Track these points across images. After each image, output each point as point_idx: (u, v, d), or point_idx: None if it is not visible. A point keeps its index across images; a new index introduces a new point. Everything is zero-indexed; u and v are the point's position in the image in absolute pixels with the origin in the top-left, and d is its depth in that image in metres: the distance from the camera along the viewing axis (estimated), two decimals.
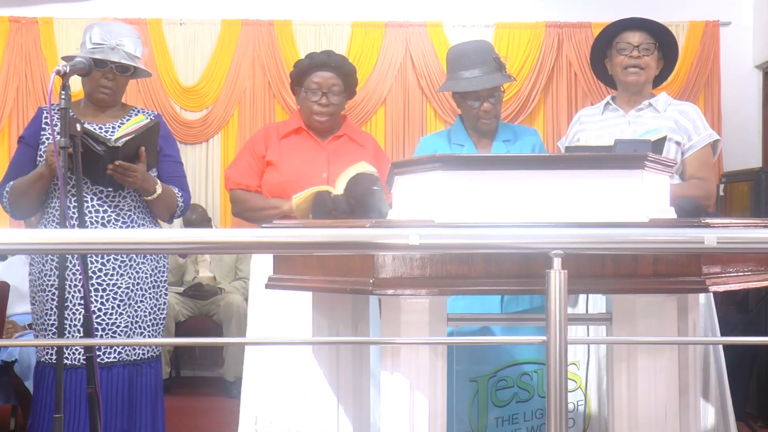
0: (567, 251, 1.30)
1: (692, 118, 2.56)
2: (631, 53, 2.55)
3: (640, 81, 2.57)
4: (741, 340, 2.43)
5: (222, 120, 5.05)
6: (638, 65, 2.55)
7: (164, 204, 2.54)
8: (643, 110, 2.59)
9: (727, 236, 1.34)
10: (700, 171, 2.53)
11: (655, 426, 1.59)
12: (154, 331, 2.53)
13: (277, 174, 2.65)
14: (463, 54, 2.56)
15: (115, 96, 2.53)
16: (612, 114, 2.65)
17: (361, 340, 1.86)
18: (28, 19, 4.97)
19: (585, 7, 5.09)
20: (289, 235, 1.36)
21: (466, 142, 2.61)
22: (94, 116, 2.53)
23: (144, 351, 2.51)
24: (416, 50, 5.03)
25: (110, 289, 2.44)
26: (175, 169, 2.62)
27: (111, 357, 2.44)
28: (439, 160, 1.57)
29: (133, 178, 2.39)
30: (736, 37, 5.01)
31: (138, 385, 2.49)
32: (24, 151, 2.50)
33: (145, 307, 2.51)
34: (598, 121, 2.66)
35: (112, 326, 2.44)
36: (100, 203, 2.45)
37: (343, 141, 2.74)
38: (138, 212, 2.51)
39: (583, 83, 5.08)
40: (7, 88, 4.95)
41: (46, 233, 1.38)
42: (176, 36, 5.02)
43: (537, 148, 2.68)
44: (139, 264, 2.50)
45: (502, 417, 2.20)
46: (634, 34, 2.57)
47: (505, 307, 2.41)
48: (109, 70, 2.46)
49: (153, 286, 2.55)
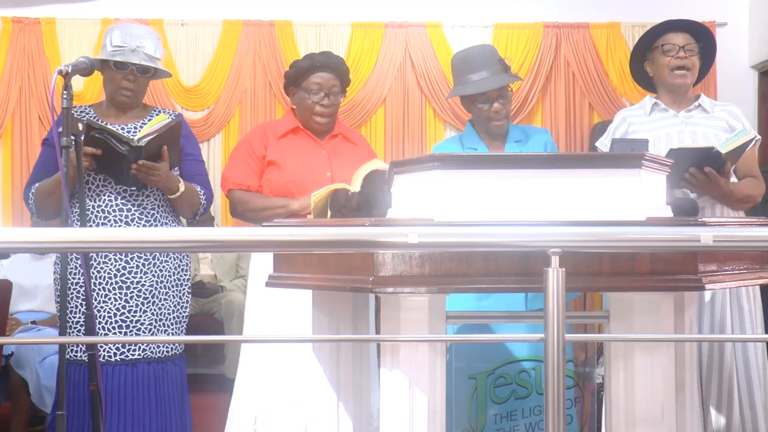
0: (565, 249, 1.31)
1: (740, 119, 2.59)
2: (677, 54, 2.54)
3: (687, 82, 2.57)
4: (738, 338, 2.44)
5: (223, 119, 5.06)
6: (685, 66, 2.55)
7: (187, 202, 2.55)
8: (692, 111, 2.60)
9: (723, 235, 1.35)
10: (753, 169, 2.58)
11: (651, 423, 1.60)
12: (177, 328, 2.55)
13: (280, 174, 2.66)
14: (468, 58, 2.57)
15: (136, 97, 2.55)
16: (661, 114, 2.63)
17: (361, 337, 1.88)
18: (30, 20, 4.99)
19: (583, 7, 5.11)
20: (290, 233, 1.37)
21: (478, 146, 2.61)
22: (116, 117, 2.55)
23: (168, 348, 2.53)
24: (416, 50, 5.05)
25: (134, 287, 2.46)
26: (197, 167, 2.63)
27: (135, 354, 2.46)
28: (438, 160, 1.59)
29: (156, 177, 2.40)
30: (732, 38, 5.04)
31: (164, 383, 2.50)
32: (48, 152, 2.52)
33: (168, 305, 2.53)
34: (648, 122, 2.64)
35: (137, 323, 2.45)
36: (124, 202, 2.47)
37: (339, 140, 2.76)
38: (161, 211, 2.53)
39: (581, 83, 5.10)
40: (10, 88, 4.96)
41: (49, 232, 1.39)
42: (178, 36, 5.04)
43: (549, 146, 2.69)
44: (163, 262, 2.52)
45: (500, 413, 2.22)
46: (678, 35, 2.56)
47: (529, 304, 2.42)
48: (130, 72, 2.48)
49: (176, 285, 2.56)
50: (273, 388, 2.55)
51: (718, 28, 4.98)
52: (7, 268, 3.97)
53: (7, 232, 1.41)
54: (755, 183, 2.57)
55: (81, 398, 2.40)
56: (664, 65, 2.57)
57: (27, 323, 3.72)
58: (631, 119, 2.70)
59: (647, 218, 1.56)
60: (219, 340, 3.98)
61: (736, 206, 2.54)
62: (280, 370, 2.55)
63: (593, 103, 5.06)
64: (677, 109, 2.61)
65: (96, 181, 2.45)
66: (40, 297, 3.85)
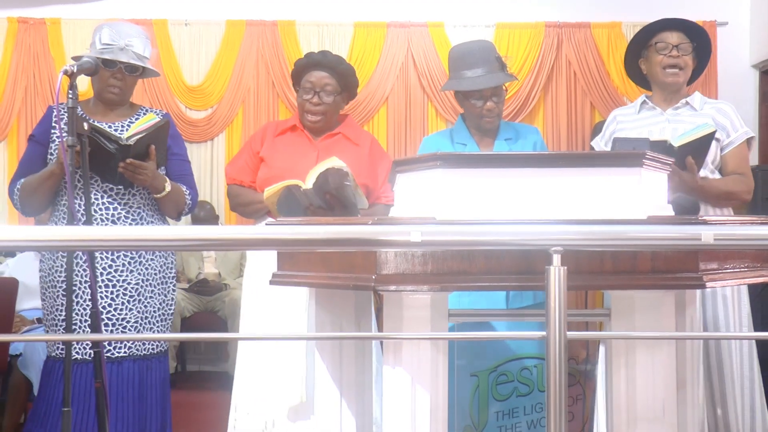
0: (566, 248, 1.32)
1: (729, 116, 2.58)
2: (670, 53, 2.55)
3: (679, 81, 2.58)
4: (736, 336, 2.45)
5: (226, 119, 5.08)
6: (677, 65, 2.55)
7: (173, 202, 2.57)
8: (680, 108, 2.60)
9: (724, 233, 1.36)
10: (740, 167, 2.56)
11: (653, 420, 1.61)
12: (163, 326, 2.57)
13: (266, 169, 2.68)
14: (465, 53, 2.57)
15: (123, 95, 2.56)
16: (649, 113, 2.65)
17: (363, 335, 1.89)
18: (36, 20, 5.02)
19: (584, 7, 5.12)
20: (293, 232, 1.39)
21: (468, 141, 2.63)
22: (103, 115, 2.56)
23: (153, 346, 2.55)
24: (418, 50, 5.06)
25: (120, 285, 2.48)
26: (183, 167, 2.65)
27: (121, 352, 2.48)
28: (441, 159, 1.60)
29: (143, 176, 2.42)
30: (733, 37, 5.04)
31: (147, 380, 2.52)
32: (34, 149, 2.54)
33: (154, 302, 2.55)
34: (635, 120, 2.66)
35: (122, 321, 2.47)
36: (110, 201, 2.48)
37: (337, 139, 2.75)
38: (147, 210, 2.55)
39: (582, 82, 5.11)
40: (16, 87, 4.99)
41: (54, 230, 1.40)
42: (181, 36, 5.06)
43: (538, 146, 2.70)
44: (148, 261, 2.54)
45: (502, 411, 2.23)
46: (672, 34, 2.56)
47: (510, 303, 2.44)
48: (118, 70, 2.49)
49: (162, 282, 2.58)
50: (271, 384, 2.56)
51: (719, 27, 4.98)
52: (12, 267, 3.99)
53: (13, 230, 1.42)
54: (739, 180, 2.54)
55: (80, 396, 2.41)
56: (657, 63, 2.58)
57: (32, 321, 3.75)
58: (621, 117, 2.72)
59: (648, 217, 1.56)
60: (221, 338, 4.01)
61: (714, 203, 2.52)
62: (277, 366, 2.56)
63: (594, 102, 5.07)
64: (665, 108, 2.62)
65: (82, 179, 2.46)
66: None
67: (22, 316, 3.73)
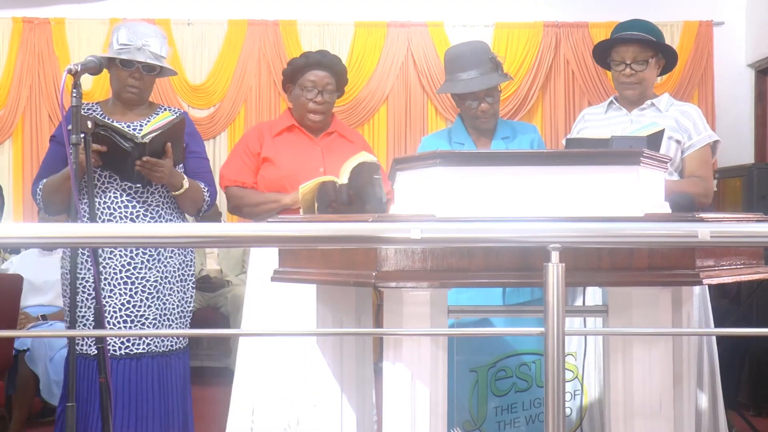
0: (564, 245, 1.33)
1: (693, 119, 2.58)
2: (623, 71, 2.57)
3: (636, 94, 2.60)
4: (733, 332, 2.47)
5: (229, 118, 5.10)
6: (631, 81, 2.57)
7: (191, 199, 2.57)
8: (645, 109, 2.62)
9: (720, 230, 1.37)
10: (699, 169, 2.55)
11: (649, 415, 1.62)
12: (182, 323, 2.57)
13: (274, 170, 2.69)
14: (459, 55, 2.59)
15: (142, 95, 2.57)
16: (615, 113, 2.68)
17: (364, 331, 1.91)
18: (40, 20, 5.04)
19: (582, 7, 5.14)
20: (294, 229, 1.40)
21: (465, 141, 2.65)
22: (122, 115, 2.57)
23: (172, 342, 2.55)
24: (418, 49, 5.08)
25: (139, 282, 2.48)
26: (201, 164, 2.65)
27: (140, 348, 2.48)
28: (440, 157, 1.61)
29: (160, 174, 2.42)
30: (729, 37, 5.06)
31: (168, 376, 2.53)
32: (56, 149, 2.54)
33: (173, 299, 2.55)
34: (602, 119, 2.69)
35: (141, 318, 2.47)
36: (129, 199, 2.49)
37: (334, 137, 2.78)
38: (165, 207, 2.55)
39: (581, 81, 5.13)
40: (20, 87, 5.01)
41: (58, 227, 1.42)
42: (184, 36, 5.08)
43: (536, 144, 2.72)
44: (167, 258, 2.54)
45: (501, 406, 2.25)
46: (627, 49, 2.56)
47: (507, 298, 2.46)
48: (136, 70, 2.50)
49: (180, 280, 2.58)
50: (270, 380, 2.58)
51: (715, 27, 5.00)
52: (16, 264, 4.01)
53: (18, 227, 1.44)
54: (694, 182, 2.52)
55: (88, 391, 2.42)
56: (615, 78, 2.62)
57: (37, 317, 3.77)
58: (588, 116, 2.75)
59: (645, 214, 1.58)
60: (224, 333, 4.02)
61: None
62: (278, 363, 2.58)
63: (592, 101, 5.08)
64: (632, 108, 2.64)
65: (102, 178, 2.48)
66: (50, 292, 3.89)
67: (26, 312, 3.75)
